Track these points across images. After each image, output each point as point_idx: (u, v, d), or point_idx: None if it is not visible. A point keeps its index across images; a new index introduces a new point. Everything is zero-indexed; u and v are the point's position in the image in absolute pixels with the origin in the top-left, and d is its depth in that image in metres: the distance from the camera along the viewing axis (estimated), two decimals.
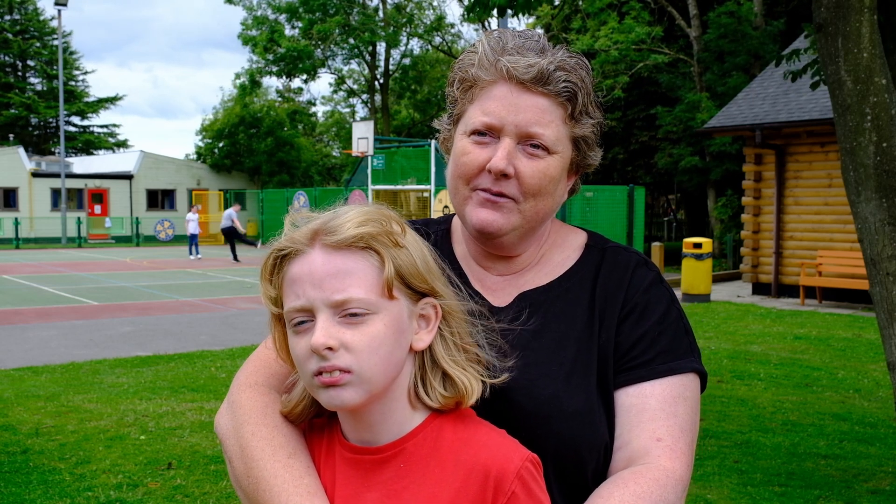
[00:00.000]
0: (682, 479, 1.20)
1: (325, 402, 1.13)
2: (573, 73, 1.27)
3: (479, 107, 1.28)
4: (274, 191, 37.81)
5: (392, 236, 1.14)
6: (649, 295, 1.32)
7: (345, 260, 1.11)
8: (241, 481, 1.19)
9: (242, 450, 1.20)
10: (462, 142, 1.31)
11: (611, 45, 25.34)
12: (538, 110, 1.26)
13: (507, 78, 1.26)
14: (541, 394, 1.24)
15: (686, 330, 1.32)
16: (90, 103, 53.08)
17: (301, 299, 1.11)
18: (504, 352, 1.27)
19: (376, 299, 1.11)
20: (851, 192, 4.01)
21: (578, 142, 1.32)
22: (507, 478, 1.10)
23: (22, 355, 9.51)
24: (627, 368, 1.28)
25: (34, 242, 35.96)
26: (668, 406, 1.24)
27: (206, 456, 5.70)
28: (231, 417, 1.25)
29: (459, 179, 1.31)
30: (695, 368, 1.29)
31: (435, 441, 1.15)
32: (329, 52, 38.63)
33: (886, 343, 4.06)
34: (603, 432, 1.24)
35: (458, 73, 1.33)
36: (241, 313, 13.50)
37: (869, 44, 3.80)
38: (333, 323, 1.10)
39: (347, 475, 1.17)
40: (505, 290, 1.37)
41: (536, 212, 1.30)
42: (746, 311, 13.85)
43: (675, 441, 1.22)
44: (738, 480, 5.24)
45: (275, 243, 1.16)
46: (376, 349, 1.11)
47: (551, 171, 1.28)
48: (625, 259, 1.36)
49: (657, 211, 42.23)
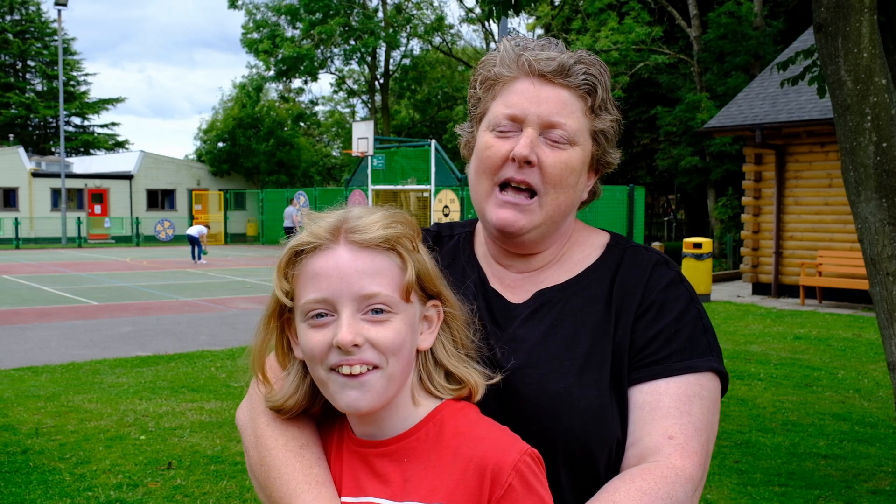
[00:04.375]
0: (692, 478, 1.18)
1: (342, 404, 1.15)
2: (592, 66, 1.31)
3: (502, 101, 1.31)
4: (274, 191, 37.81)
5: (414, 241, 1.19)
6: (667, 293, 1.32)
7: (372, 258, 1.14)
8: (255, 470, 1.23)
9: (257, 439, 1.24)
10: (485, 137, 1.33)
11: (611, 46, 25.35)
12: (560, 102, 1.29)
13: (529, 72, 1.30)
14: (552, 388, 1.25)
15: (705, 329, 1.31)
16: (90, 103, 53.09)
17: (324, 291, 1.13)
18: (503, 352, 1.28)
19: (398, 300, 1.15)
20: (851, 192, 4.01)
21: (598, 136, 1.34)
22: (504, 471, 1.10)
23: (22, 355, 9.51)
24: (642, 366, 1.27)
25: (34, 242, 35.96)
26: (682, 404, 1.23)
27: (206, 456, 5.70)
28: (249, 409, 1.30)
29: (483, 174, 1.32)
30: (713, 368, 1.28)
31: (437, 436, 1.17)
32: (329, 53, 38.63)
33: (886, 343, 4.06)
34: (615, 428, 1.24)
35: (481, 74, 1.36)
36: (241, 313, 13.49)
37: (869, 44, 3.80)
38: (358, 320, 1.12)
39: (353, 467, 1.20)
40: (524, 287, 1.38)
41: (558, 205, 1.31)
42: (746, 311, 13.85)
43: (687, 439, 1.20)
44: (738, 480, 5.24)
45: (292, 239, 1.18)
46: (400, 347, 1.14)
47: (573, 162, 1.30)
48: (645, 258, 1.37)
49: (657, 211, 42.22)
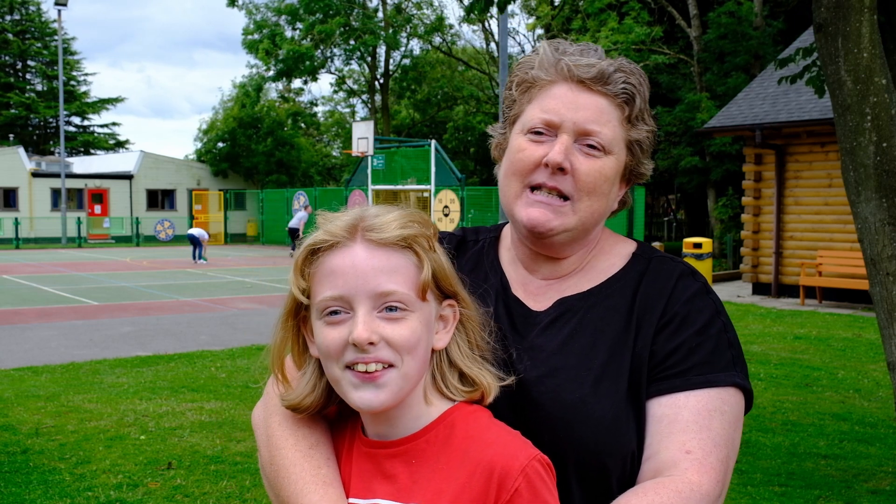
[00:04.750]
0: (707, 495, 1.15)
1: (355, 402, 1.14)
2: (632, 76, 1.29)
3: (538, 105, 1.29)
4: (274, 191, 37.81)
5: (430, 240, 1.18)
6: (691, 305, 1.28)
7: (389, 256, 1.14)
8: (266, 469, 1.23)
9: (268, 439, 1.24)
10: (518, 140, 1.31)
11: (611, 46, 25.35)
12: (597, 109, 1.27)
13: (568, 77, 1.27)
14: (567, 398, 1.23)
15: (730, 343, 1.27)
16: (90, 103, 53.08)
17: (340, 289, 1.13)
18: (521, 360, 1.27)
19: (414, 298, 1.15)
20: (851, 192, 4.01)
21: (633, 146, 1.32)
22: (511, 475, 1.09)
23: (22, 355, 9.50)
24: (662, 378, 1.24)
25: (34, 242, 35.95)
26: (701, 419, 1.20)
27: (206, 456, 5.70)
28: (263, 407, 1.30)
29: (514, 176, 1.30)
30: (736, 383, 1.24)
31: (447, 438, 1.16)
32: (329, 53, 38.62)
33: (886, 343, 4.06)
34: (630, 441, 1.22)
35: (518, 76, 1.34)
36: (241, 313, 13.49)
37: (869, 44, 3.80)
38: (373, 317, 1.12)
39: (362, 468, 1.20)
40: (546, 294, 1.36)
41: (592, 212, 1.29)
42: (746, 311, 13.85)
43: (705, 455, 1.17)
44: (738, 480, 5.24)
45: (308, 238, 1.19)
46: (415, 346, 1.14)
47: (607, 171, 1.28)
48: (670, 268, 1.33)
49: (657, 211, 42.22)
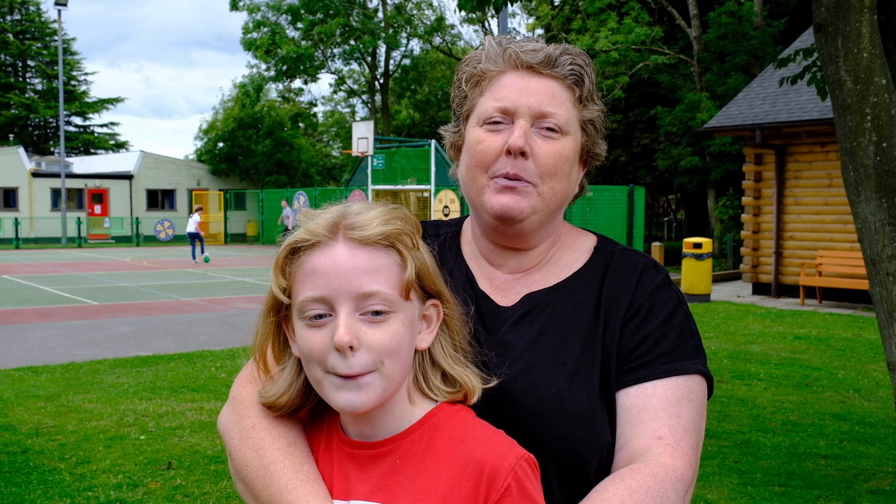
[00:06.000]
0: (682, 478, 1.18)
1: (338, 403, 1.12)
2: (578, 57, 1.32)
3: (491, 95, 1.31)
4: (274, 191, 37.80)
5: (413, 238, 1.16)
6: (655, 297, 1.32)
7: (370, 255, 1.12)
8: (241, 472, 1.21)
9: (243, 441, 1.22)
10: (475, 132, 1.32)
11: (611, 46, 25.35)
12: (549, 92, 1.30)
13: (517, 64, 1.30)
14: (543, 394, 1.25)
15: (693, 333, 1.31)
16: (90, 103, 53.07)
17: (321, 290, 1.11)
18: (493, 357, 1.27)
19: (397, 298, 1.13)
20: (851, 192, 4.01)
21: (587, 126, 1.35)
22: (500, 474, 1.09)
23: (22, 355, 9.50)
24: (629, 369, 1.27)
25: (34, 242, 35.96)
26: (670, 406, 1.23)
27: (206, 456, 5.70)
28: (232, 412, 1.28)
29: (476, 169, 1.32)
30: (700, 371, 1.28)
31: (431, 438, 1.15)
32: (330, 53, 38.61)
33: (886, 343, 4.06)
34: (605, 433, 1.24)
35: (466, 71, 1.36)
36: (241, 313, 13.50)
37: (869, 44, 3.80)
38: (355, 320, 1.10)
39: (344, 468, 1.18)
40: (513, 289, 1.37)
41: (555, 194, 1.31)
42: (746, 311, 13.85)
43: (677, 440, 1.20)
44: (738, 480, 5.24)
45: (290, 236, 1.16)
46: (397, 348, 1.12)
47: (566, 152, 1.31)
48: (632, 261, 1.36)
49: (657, 211, 42.21)
